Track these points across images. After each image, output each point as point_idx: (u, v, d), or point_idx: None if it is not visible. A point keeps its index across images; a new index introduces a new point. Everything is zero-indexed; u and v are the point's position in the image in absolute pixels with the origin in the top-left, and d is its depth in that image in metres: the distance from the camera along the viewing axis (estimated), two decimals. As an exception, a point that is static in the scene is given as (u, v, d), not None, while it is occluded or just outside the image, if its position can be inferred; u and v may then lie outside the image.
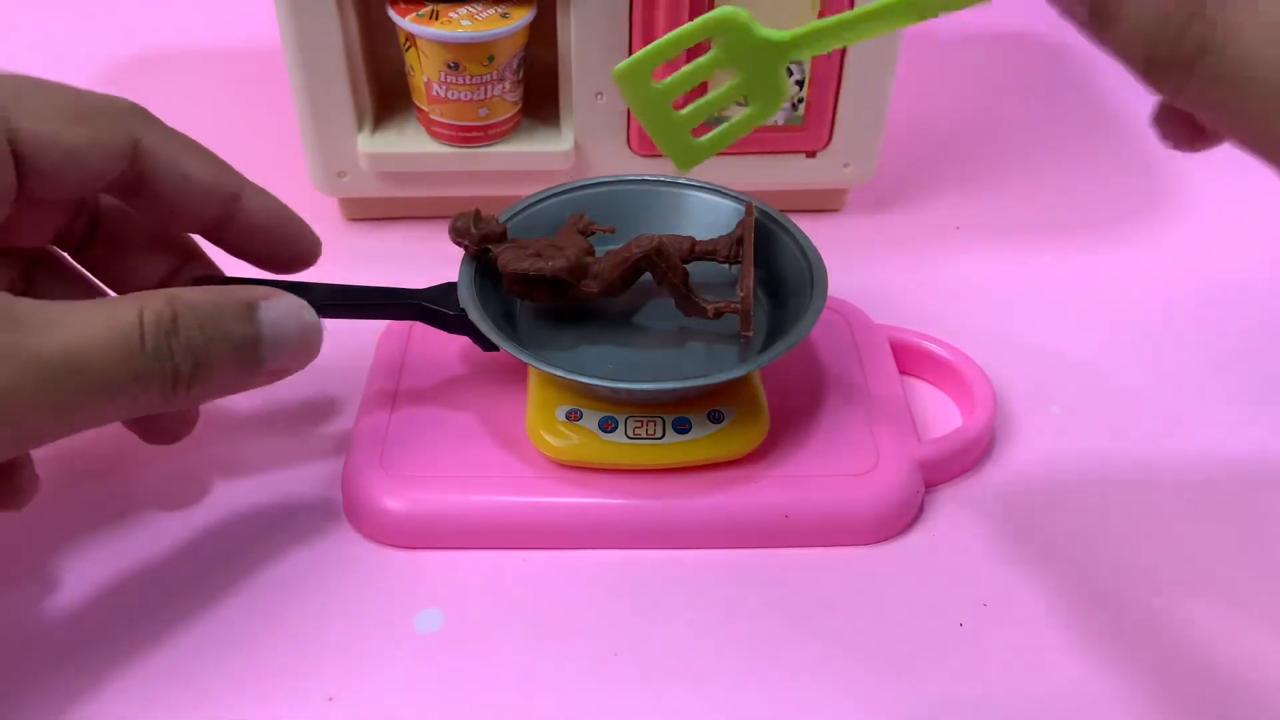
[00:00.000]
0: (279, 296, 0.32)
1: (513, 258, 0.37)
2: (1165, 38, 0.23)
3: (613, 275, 0.38)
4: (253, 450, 0.40)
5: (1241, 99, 0.23)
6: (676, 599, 0.35)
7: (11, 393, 0.25)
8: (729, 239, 0.40)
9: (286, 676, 0.32)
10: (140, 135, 0.32)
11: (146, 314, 0.28)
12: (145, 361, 0.28)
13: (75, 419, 0.28)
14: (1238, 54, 0.22)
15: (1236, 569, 0.36)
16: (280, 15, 0.44)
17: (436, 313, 0.38)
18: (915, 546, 0.37)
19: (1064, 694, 0.33)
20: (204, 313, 0.29)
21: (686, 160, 0.35)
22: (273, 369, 0.32)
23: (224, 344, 0.30)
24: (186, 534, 0.37)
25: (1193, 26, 0.23)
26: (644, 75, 0.33)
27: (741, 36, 0.31)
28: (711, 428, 0.37)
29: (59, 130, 0.30)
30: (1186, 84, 0.23)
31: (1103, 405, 0.43)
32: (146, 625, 0.34)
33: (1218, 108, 0.23)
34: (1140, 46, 0.24)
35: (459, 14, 0.44)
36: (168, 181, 0.33)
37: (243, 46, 0.65)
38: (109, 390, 0.27)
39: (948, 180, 0.56)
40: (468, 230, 0.38)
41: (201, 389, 0.30)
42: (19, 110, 0.30)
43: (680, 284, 0.38)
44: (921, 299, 0.48)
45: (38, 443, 0.28)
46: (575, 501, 0.36)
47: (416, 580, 0.35)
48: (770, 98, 0.33)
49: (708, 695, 0.32)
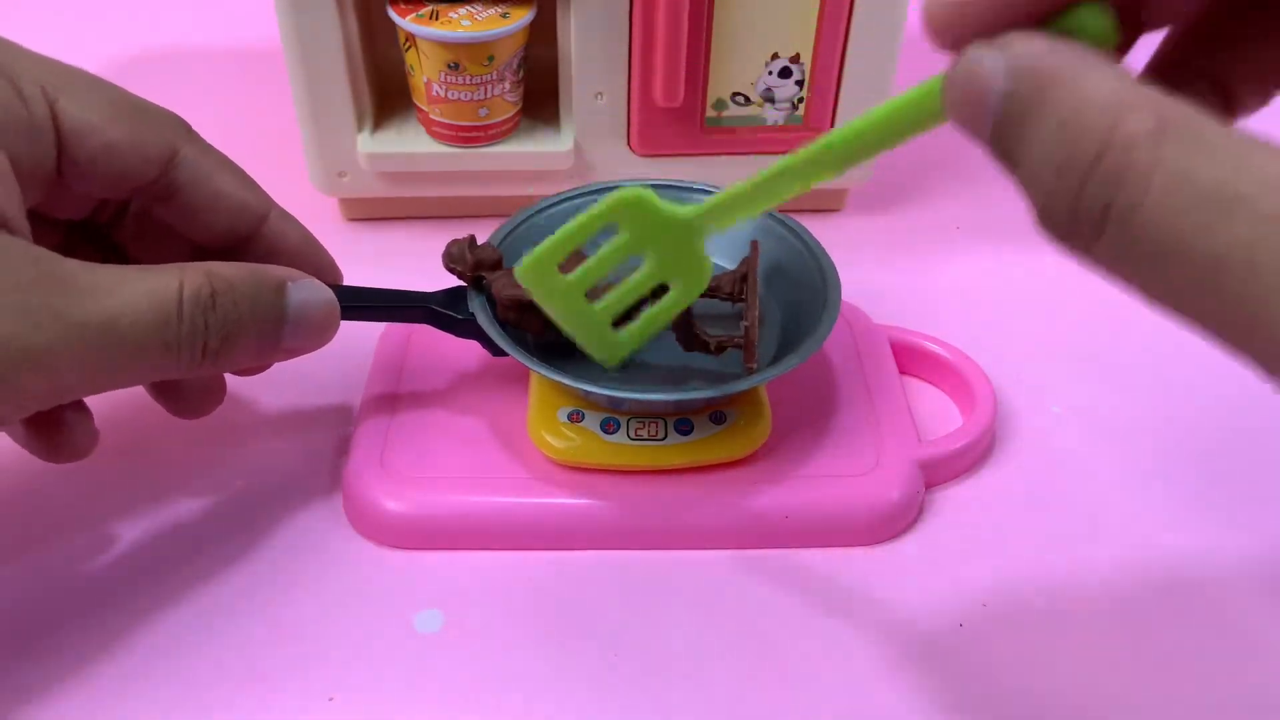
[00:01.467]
0: (305, 278, 0.33)
1: (507, 284, 0.36)
2: (1063, 192, 0.19)
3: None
4: (253, 450, 0.40)
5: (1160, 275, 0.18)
6: (676, 599, 0.35)
7: (52, 352, 0.27)
8: (731, 276, 0.38)
9: (286, 676, 0.32)
10: (179, 146, 0.33)
11: (186, 287, 0.29)
12: (179, 333, 0.29)
13: (105, 379, 0.29)
14: (1144, 227, 0.18)
15: (1238, 565, 0.36)
16: (280, 15, 0.44)
17: (446, 316, 0.38)
18: (915, 546, 0.37)
19: (1064, 694, 0.33)
20: (240, 290, 0.31)
21: (611, 355, 0.33)
22: (289, 348, 0.33)
23: (253, 321, 0.31)
24: (186, 533, 0.37)
25: (1089, 185, 0.18)
26: (549, 269, 0.31)
27: (646, 218, 0.29)
28: (714, 429, 0.37)
29: (103, 124, 0.31)
30: (1091, 248, 0.19)
31: (1102, 406, 0.43)
32: (146, 625, 0.34)
33: (1129, 280, 0.19)
34: (1036, 198, 0.20)
35: (459, 14, 0.44)
36: (199, 195, 0.34)
37: (243, 46, 0.65)
38: (141, 356, 0.29)
39: (948, 180, 0.56)
40: (462, 257, 0.37)
41: (223, 361, 0.31)
42: (68, 96, 0.31)
43: (682, 316, 0.36)
44: (921, 299, 0.48)
45: (69, 398, 0.29)
46: (576, 502, 0.36)
47: (416, 580, 0.35)
48: (693, 277, 0.31)
49: (708, 695, 0.32)
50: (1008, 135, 0.20)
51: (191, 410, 0.37)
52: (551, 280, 0.32)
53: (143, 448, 0.39)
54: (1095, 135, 0.18)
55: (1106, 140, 0.18)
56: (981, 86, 0.20)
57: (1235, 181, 0.17)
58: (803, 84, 0.47)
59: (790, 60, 0.47)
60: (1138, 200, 0.18)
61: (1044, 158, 0.19)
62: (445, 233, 0.39)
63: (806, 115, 0.48)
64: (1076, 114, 0.19)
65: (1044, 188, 0.19)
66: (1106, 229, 0.19)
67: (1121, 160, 0.18)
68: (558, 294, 0.32)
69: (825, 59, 0.47)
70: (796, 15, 0.45)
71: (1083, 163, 0.18)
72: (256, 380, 0.39)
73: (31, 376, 0.27)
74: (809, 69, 0.47)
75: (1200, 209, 0.17)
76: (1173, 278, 0.18)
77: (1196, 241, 0.17)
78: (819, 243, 0.40)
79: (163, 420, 0.37)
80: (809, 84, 0.47)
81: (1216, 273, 0.17)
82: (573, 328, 0.33)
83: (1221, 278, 0.17)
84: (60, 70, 0.31)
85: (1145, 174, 0.18)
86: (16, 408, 0.28)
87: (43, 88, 0.30)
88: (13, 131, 0.29)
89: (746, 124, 0.48)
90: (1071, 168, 0.19)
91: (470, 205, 0.51)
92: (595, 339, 0.33)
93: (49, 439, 0.33)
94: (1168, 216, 0.18)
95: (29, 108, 0.30)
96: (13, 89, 0.29)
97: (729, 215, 0.28)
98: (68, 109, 0.31)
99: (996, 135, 0.20)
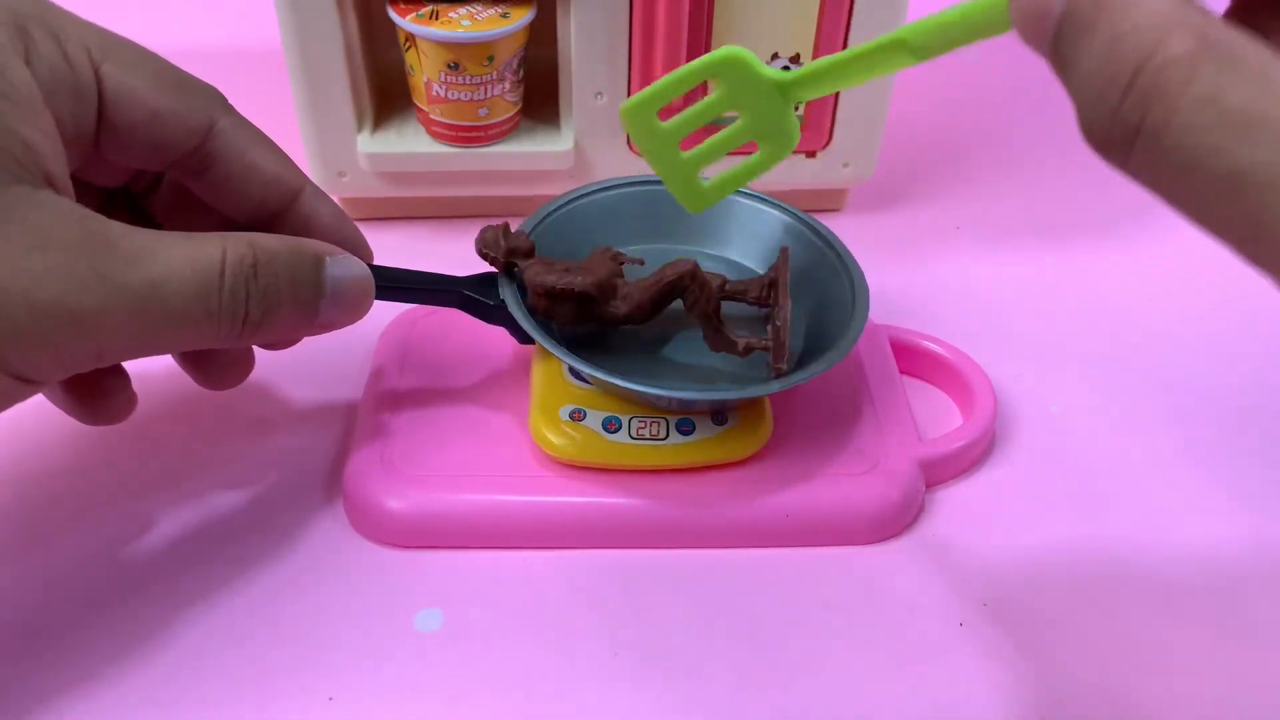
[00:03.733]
0: (343, 254, 0.33)
1: (540, 271, 0.37)
2: (1103, 106, 0.21)
3: (643, 297, 0.37)
4: (253, 449, 0.40)
5: (1186, 187, 0.20)
6: (677, 599, 0.35)
7: (96, 315, 0.27)
8: (760, 281, 0.39)
9: (286, 676, 0.32)
10: (218, 117, 0.33)
11: (229, 257, 0.30)
12: (220, 302, 0.29)
13: (146, 345, 0.29)
14: (1172, 142, 0.19)
15: (1239, 563, 0.36)
16: (280, 15, 0.44)
17: (477, 302, 0.38)
18: (915, 546, 0.37)
19: (1064, 694, 0.33)
20: (281, 262, 0.31)
21: (695, 203, 0.34)
22: (324, 322, 0.33)
23: (292, 293, 0.31)
24: (186, 533, 0.37)
25: (1127, 100, 0.20)
26: (649, 114, 0.32)
27: (744, 77, 0.30)
28: (715, 429, 0.37)
29: (147, 91, 0.31)
30: (1127, 160, 0.21)
31: (1103, 405, 0.43)
32: (145, 624, 0.34)
33: (1160, 192, 0.21)
34: (1081, 110, 0.21)
35: (459, 14, 0.44)
36: (235, 168, 0.34)
37: (243, 46, 0.65)
38: (182, 323, 0.29)
39: (948, 180, 0.56)
40: (496, 244, 0.37)
41: (262, 332, 0.31)
42: (113, 61, 0.31)
43: (712, 313, 0.37)
44: (921, 299, 0.48)
45: (109, 362, 0.29)
46: (577, 501, 0.36)
47: (416, 580, 0.35)
48: (780, 140, 0.32)
49: (708, 695, 0.32)
50: (1064, 50, 0.21)
51: (219, 380, 0.37)
52: (651, 124, 0.33)
53: (141, 446, 0.39)
54: (1138, 53, 0.20)
55: (1147, 57, 0.19)
56: (1044, 4, 0.21)
57: (1262, 102, 0.18)
58: (803, 84, 0.47)
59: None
60: (1167, 117, 0.19)
61: (1091, 72, 0.20)
62: (445, 233, 0.39)
63: (806, 115, 0.48)
64: (1124, 33, 0.20)
65: (1088, 100, 0.21)
66: (1138, 142, 0.20)
67: (1157, 79, 0.19)
68: (655, 137, 0.33)
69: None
70: (796, 15, 0.45)
71: (1122, 78, 0.20)
72: (256, 378, 0.39)
73: (74, 339, 0.27)
74: (809, 69, 0.47)
75: (1224, 128, 0.18)
76: (1197, 192, 0.19)
77: (1219, 159, 0.19)
78: (849, 251, 0.40)
79: (161, 418, 0.37)
80: (809, 84, 0.47)
81: (1237, 189, 0.18)
82: (663, 171, 0.34)
83: (1242, 194, 0.18)
84: (106, 36, 0.31)
85: (1177, 92, 0.19)
86: (58, 369, 0.28)
87: (88, 50, 0.30)
88: (60, 93, 0.29)
89: (746, 124, 0.48)
90: (1112, 83, 0.20)
91: (470, 205, 0.51)
92: (682, 185, 0.34)
93: (87, 402, 0.33)
94: (1194, 134, 0.19)
95: (74, 70, 0.30)
96: (59, 50, 0.29)
97: (815, 88, 0.30)
98: (112, 74, 0.31)
99: (1055, 49, 0.22)
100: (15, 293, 0.26)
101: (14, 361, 0.26)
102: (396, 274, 0.37)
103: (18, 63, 0.28)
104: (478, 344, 0.42)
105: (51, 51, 0.29)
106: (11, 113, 0.27)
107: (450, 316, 0.40)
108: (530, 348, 0.40)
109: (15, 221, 0.26)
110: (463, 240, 0.51)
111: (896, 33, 0.26)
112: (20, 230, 0.26)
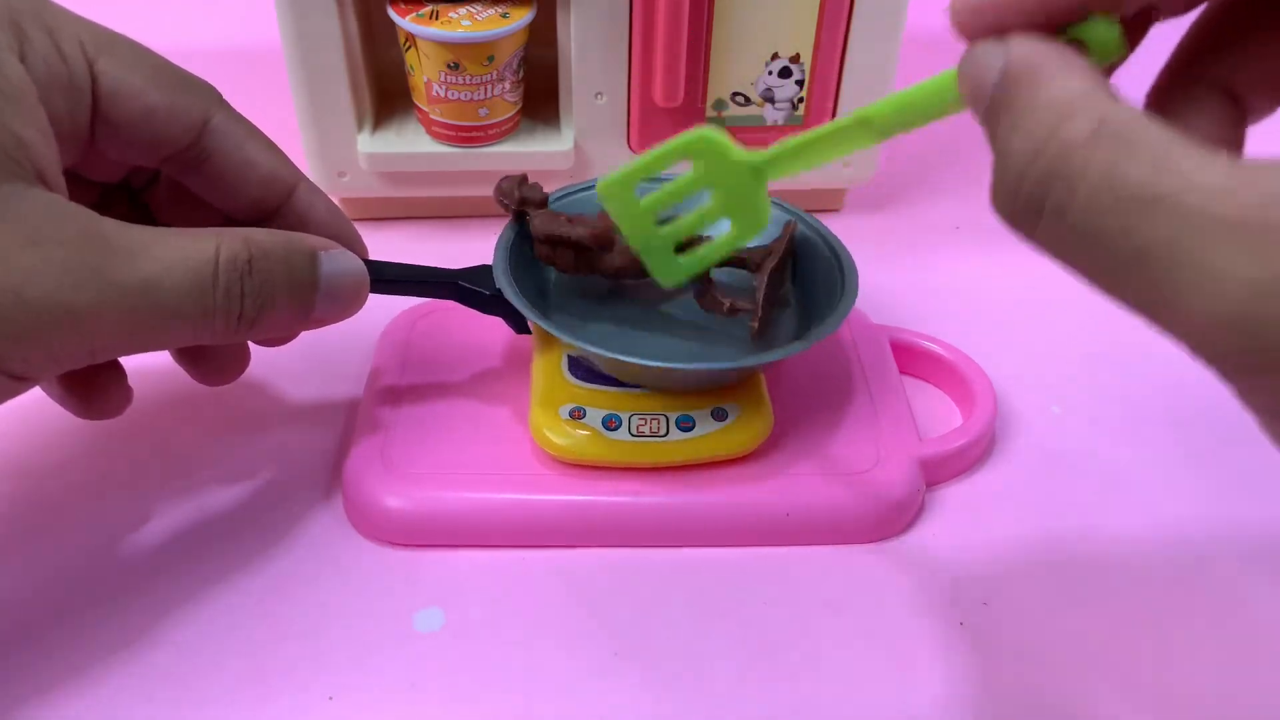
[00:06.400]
0: (337, 249, 0.33)
1: (544, 221, 0.39)
2: (1009, 182, 0.21)
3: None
4: (252, 448, 0.40)
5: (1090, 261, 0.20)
6: (677, 599, 0.35)
7: (90, 311, 0.27)
8: (761, 250, 0.40)
9: (286, 676, 0.32)
10: (213, 113, 0.33)
11: (223, 254, 0.30)
12: (215, 299, 0.30)
13: (140, 341, 0.29)
14: (1074, 220, 0.20)
15: (1239, 564, 0.36)
16: (280, 15, 0.44)
17: (472, 292, 0.38)
18: (916, 546, 0.37)
19: (1064, 694, 0.33)
20: (275, 257, 0.31)
21: (668, 276, 0.35)
22: (319, 317, 0.33)
23: (287, 289, 0.31)
24: (185, 532, 0.36)
25: (1030, 177, 0.20)
26: (627, 191, 0.34)
27: (718, 157, 0.31)
28: (715, 425, 0.37)
29: (142, 87, 0.31)
30: (1034, 233, 0.21)
31: (1103, 405, 0.43)
32: (145, 624, 0.34)
33: (1065, 265, 0.21)
34: (993, 182, 0.21)
35: (459, 14, 0.44)
36: (230, 163, 0.34)
37: (243, 46, 0.65)
38: (177, 319, 0.29)
39: (948, 180, 0.56)
40: (511, 192, 0.39)
41: (257, 328, 0.31)
42: (108, 57, 0.31)
43: (704, 279, 0.38)
44: (921, 299, 0.48)
45: (105, 357, 0.29)
46: (578, 499, 0.36)
47: (416, 579, 0.35)
48: (750, 220, 0.32)
49: (708, 695, 0.32)
50: (988, 123, 0.22)
51: (215, 376, 0.37)
52: (628, 201, 0.34)
53: (139, 441, 0.39)
54: (1039, 135, 0.20)
55: (1046, 141, 0.20)
56: (981, 78, 0.22)
57: (1157, 182, 0.19)
58: (803, 84, 0.47)
59: (790, 60, 0.47)
60: (1067, 198, 0.20)
61: (1003, 150, 0.21)
62: (445, 233, 0.39)
63: (806, 115, 0.48)
64: (1028, 113, 0.21)
65: (998, 174, 0.21)
66: (1042, 218, 0.20)
67: (1056, 162, 0.20)
68: (632, 214, 0.34)
69: (825, 59, 0.47)
70: (796, 15, 0.45)
71: (1025, 157, 0.20)
72: (256, 375, 0.39)
73: (69, 335, 0.27)
74: (809, 69, 0.47)
75: (1123, 209, 0.19)
76: (1100, 266, 0.20)
77: (1119, 238, 0.19)
78: (839, 240, 0.40)
79: (159, 416, 0.37)
80: (809, 84, 0.47)
81: (1142, 265, 0.19)
82: (640, 245, 0.35)
83: (1144, 269, 0.19)
84: (101, 32, 0.31)
85: (1077, 175, 0.19)
86: (51, 365, 0.28)
87: (82, 46, 0.30)
88: (55, 89, 0.29)
89: (746, 124, 0.48)
90: (1016, 162, 0.21)
91: (470, 205, 0.51)
92: (659, 259, 0.35)
93: (83, 396, 0.33)
94: (1095, 215, 0.19)
95: (69, 65, 0.30)
96: (54, 46, 0.29)
97: (784, 167, 0.31)
98: (107, 70, 0.31)
99: (983, 122, 0.22)
100: (7, 289, 0.26)
101: (6, 358, 0.26)
102: (391, 268, 0.37)
103: (12, 59, 0.28)
104: (478, 343, 0.42)
105: (46, 47, 0.29)
106: (5, 109, 0.27)
107: (450, 316, 0.40)
108: (529, 345, 0.40)
109: (8, 218, 0.26)
110: (463, 240, 0.51)
111: (860, 112, 0.27)
112: (13, 226, 0.26)
